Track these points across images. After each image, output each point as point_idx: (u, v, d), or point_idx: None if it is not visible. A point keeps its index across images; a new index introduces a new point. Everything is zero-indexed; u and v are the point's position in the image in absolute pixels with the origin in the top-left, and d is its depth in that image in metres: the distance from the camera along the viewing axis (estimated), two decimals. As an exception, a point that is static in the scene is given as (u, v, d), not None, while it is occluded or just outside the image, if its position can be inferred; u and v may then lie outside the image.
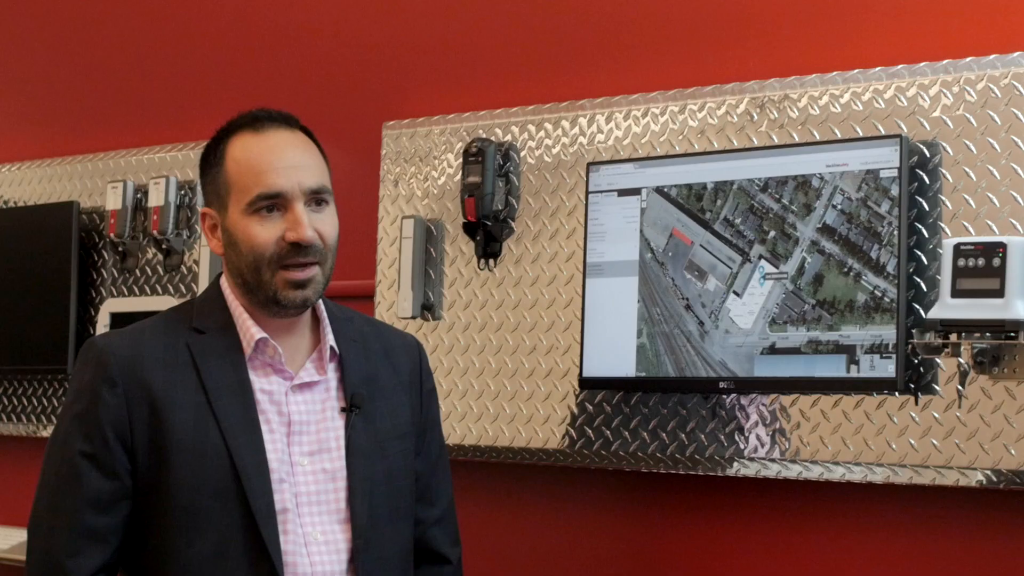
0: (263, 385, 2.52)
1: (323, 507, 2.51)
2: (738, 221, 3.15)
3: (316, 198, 2.51)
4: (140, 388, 2.48)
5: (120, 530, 2.49)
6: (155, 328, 2.57)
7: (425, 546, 2.69)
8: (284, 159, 2.50)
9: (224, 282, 2.58)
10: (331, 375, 2.57)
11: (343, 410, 2.55)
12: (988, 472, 2.87)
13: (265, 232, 2.48)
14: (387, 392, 2.62)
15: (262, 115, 2.57)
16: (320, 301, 2.60)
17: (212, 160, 2.56)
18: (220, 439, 2.46)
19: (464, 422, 3.58)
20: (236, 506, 2.44)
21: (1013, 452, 2.84)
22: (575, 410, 3.40)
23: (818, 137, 3.11)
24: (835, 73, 3.12)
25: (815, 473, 3.07)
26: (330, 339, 2.58)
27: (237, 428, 2.47)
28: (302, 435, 2.52)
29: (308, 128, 2.60)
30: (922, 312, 2.94)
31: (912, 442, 2.95)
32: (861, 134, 3.06)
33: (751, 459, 3.15)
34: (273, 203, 2.49)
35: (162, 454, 2.46)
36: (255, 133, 2.54)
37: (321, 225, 2.51)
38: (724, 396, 3.18)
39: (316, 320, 2.60)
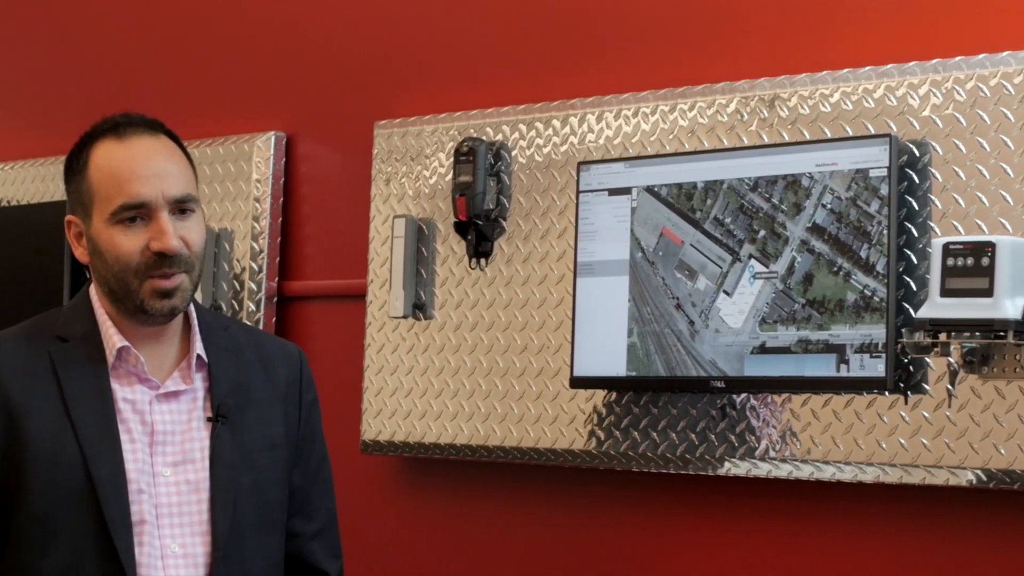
0: (126, 394, 2.48)
1: (184, 519, 2.46)
2: (728, 220, 3.15)
3: (181, 206, 2.46)
4: None
5: None
6: (18, 336, 2.53)
7: (303, 560, 2.64)
8: (147, 167, 2.44)
9: (92, 290, 2.54)
10: (199, 384, 2.52)
11: (209, 420, 2.51)
12: (978, 471, 2.87)
13: (129, 242, 2.43)
14: (260, 402, 2.57)
15: (125, 120, 2.50)
16: (193, 309, 2.56)
17: (75, 167, 2.50)
18: (77, 448, 2.42)
19: (455, 421, 3.58)
20: (91, 517, 2.41)
21: (1003, 451, 2.84)
22: (566, 409, 3.40)
23: (808, 136, 3.11)
24: (825, 72, 3.12)
25: (805, 472, 3.07)
26: (198, 348, 2.53)
27: (95, 437, 2.43)
28: (166, 445, 2.47)
29: (174, 133, 2.54)
30: (911, 311, 2.94)
31: (902, 441, 2.95)
32: (851, 133, 3.05)
33: (741, 459, 3.15)
34: (137, 213, 2.43)
35: (19, 464, 2.42)
36: (118, 140, 2.47)
37: (187, 233, 2.45)
38: (715, 396, 3.18)
39: (188, 328, 2.56)
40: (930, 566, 3.00)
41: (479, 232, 3.56)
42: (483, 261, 3.58)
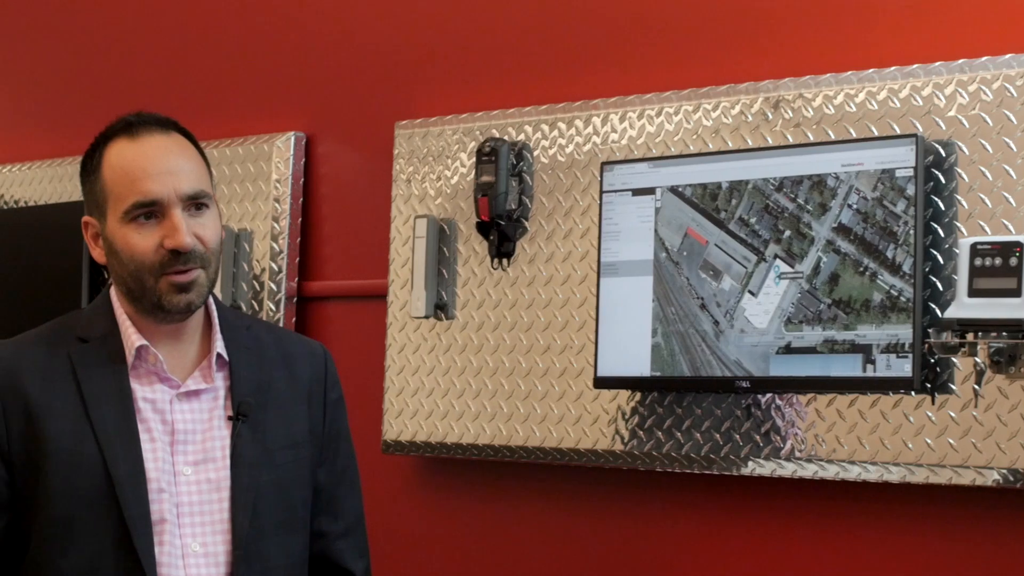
0: (146, 394, 2.48)
1: (205, 518, 2.46)
2: (753, 220, 3.15)
3: (195, 203, 2.46)
4: (17, 398, 2.44)
5: None
6: (39, 337, 2.54)
7: (330, 560, 2.64)
8: (159, 165, 2.45)
9: (113, 290, 2.54)
10: (220, 383, 2.52)
11: (230, 419, 2.50)
12: (1005, 471, 2.87)
13: (143, 240, 2.44)
14: (282, 401, 2.57)
15: (137, 120, 2.51)
16: (214, 308, 2.56)
17: (89, 168, 2.51)
18: (96, 448, 2.42)
19: (478, 421, 3.58)
20: (110, 516, 2.41)
21: (1030, 451, 2.84)
22: (589, 409, 3.40)
23: (833, 137, 3.11)
24: (850, 72, 3.12)
25: (831, 472, 3.07)
26: (219, 346, 2.53)
27: (114, 437, 2.43)
28: (187, 444, 2.47)
29: (188, 130, 2.54)
30: (938, 311, 2.94)
31: (928, 441, 2.95)
32: (876, 133, 3.06)
33: (767, 458, 3.15)
34: (150, 210, 2.44)
35: (38, 464, 2.42)
36: (130, 139, 2.47)
37: (201, 230, 2.45)
38: (739, 396, 3.18)
39: (208, 327, 2.56)
40: (957, 566, 3.00)
41: (501, 232, 3.56)
42: (505, 261, 3.58)
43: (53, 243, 4.43)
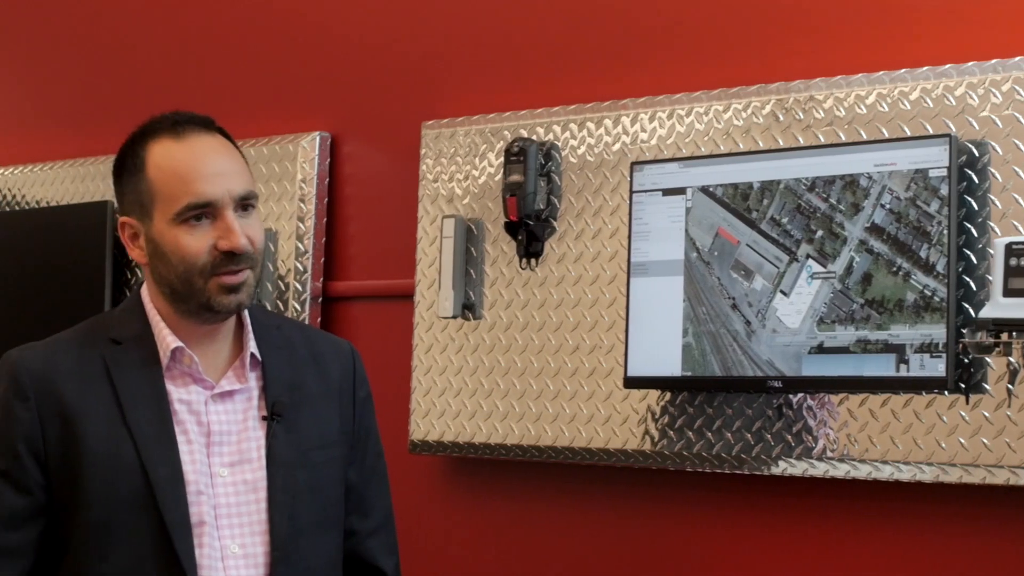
0: (181, 395, 2.47)
1: (243, 519, 2.46)
2: (785, 220, 3.15)
3: (244, 204, 2.45)
4: (52, 402, 2.43)
5: (34, 547, 2.44)
6: (71, 340, 2.53)
7: (360, 558, 2.64)
8: (210, 166, 2.43)
9: (145, 291, 2.53)
10: (253, 383, 2.52)
11: (264, 419, 2.50)
12: (1038, 471, 2.88)
13: (196, 242, 2.42)
14: (314, 400, 2.57)
15: (181, 119, 2.49)
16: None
17: (130, 167, 2.48)
18: (133, 451, 2.41)
19: (506, 421, 3.58)
20: (150, 519, 2.40)
21: (1064, 451, 2.84)
22: (619, 409, 3.40)
23: (865, 137, 3.11)
24: (882, 72, 3.12)
25: (863, 472, 3.07)
26: (252, 346, 2.52)
27: (151, 439, 2.42)
28: (222, 445, 2.47)
29: (226, 130, 2.53)
30: (971, 311, 2.94)
31: (962, 441, 2.95)
32: (909, 133, 3.06)
33: (798, 458, 3.15)
34: (202, 212, 2.42)
35: (75, 468, 2.41)
36: (176, 138, 2.45)
37: (251, 231, 2.45)
38: (771, 395, 3.18)
39: (240, 327, 2.55)
40: (990, 565, 3.00)
41: (530, 232, 3.55)
42: (533, 261, 3.58)
43: (76, 243, 4.43)
